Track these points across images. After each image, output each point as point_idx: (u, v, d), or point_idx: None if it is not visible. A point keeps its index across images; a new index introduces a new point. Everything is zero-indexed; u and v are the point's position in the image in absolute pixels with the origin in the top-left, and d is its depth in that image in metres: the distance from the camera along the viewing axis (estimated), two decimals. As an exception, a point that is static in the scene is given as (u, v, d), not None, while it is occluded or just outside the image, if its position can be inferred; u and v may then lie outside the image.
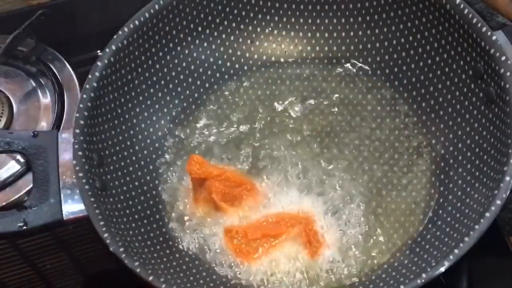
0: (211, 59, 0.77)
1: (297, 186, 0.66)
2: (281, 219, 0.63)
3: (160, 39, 0.72)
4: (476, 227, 0.53)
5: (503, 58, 0.59)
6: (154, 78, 0.73)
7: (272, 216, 0.64)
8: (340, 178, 0.67)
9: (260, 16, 0.77)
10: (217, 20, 0.76)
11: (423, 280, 0.52)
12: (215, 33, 0.76)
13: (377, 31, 0.74)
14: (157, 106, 0.73)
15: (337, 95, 0.74)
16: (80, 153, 0.60)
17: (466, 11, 0.63)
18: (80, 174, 0.59)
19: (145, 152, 0.70)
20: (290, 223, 0.63)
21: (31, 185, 0.62)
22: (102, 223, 0.57)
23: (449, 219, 0.61)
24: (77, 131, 0.61)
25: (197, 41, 0.75)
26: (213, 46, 0.77)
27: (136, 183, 0.67)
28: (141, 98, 0.72)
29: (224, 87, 0.77)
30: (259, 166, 0.68)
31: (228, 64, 0.77)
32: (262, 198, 0.65)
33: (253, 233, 0.62)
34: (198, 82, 0.76)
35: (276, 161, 0.69)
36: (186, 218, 0.66)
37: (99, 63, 0.65)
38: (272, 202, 0.65)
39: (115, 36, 0.67)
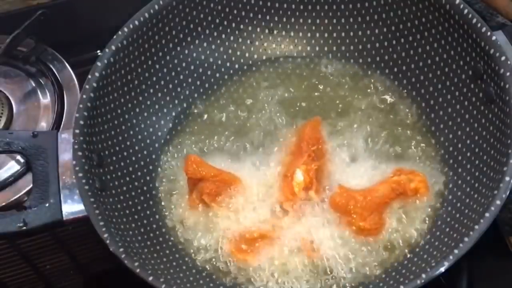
0: (211, 59, 0.77)
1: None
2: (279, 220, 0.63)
3: (160, 39, 0.72)
4: (476, 227, 0.53)
5: (503, 58, 0.59)
6: (154, 78, 0.73)
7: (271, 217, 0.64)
8: (338, 178, 0.67)
9: (260, 16, 0.77)
10: (217, 20, 0.76)
11: (423, 280, 0.52)
12: (215, 33, 0.76)
13: (377, 31, 0.74)
14: (157, 106, 0.73)
15: (337, 95, 0.74)
16: (79, 153, 0.60)
17: (466, 11, 0.63)
18: (80, 174, 0.59)
19: (145, 152, 0.70)
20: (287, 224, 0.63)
21: (31, 185, 0.62)
22: (102, 223, 0.57)
23: (448, 219, 0.61)
24: (77, 131, 0.61)
25: (197, 41, 0.75)
26: (213, 46, 0.77)
27: (136, 184, 0.67)
28: (141, 98, 0.72)
29: (224, 87, 0.77)
30: (257, 165, 0.68)
31: (228, 64, 0.77)
32: (255, 197, 0.65)
33: (251, 233, 0.62)
34: (198, 82, 0.76)
35: (274, 162, 0.68)
36: (185, 218, 0.66)
37: (99, 63, 0.65)
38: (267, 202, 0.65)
39: (115, 36, 0.67)
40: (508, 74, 0.59)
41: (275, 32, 0.78)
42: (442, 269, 0.52)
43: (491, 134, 0.61)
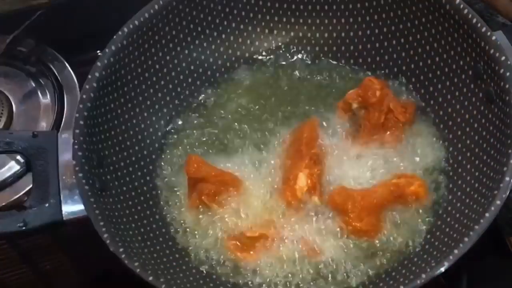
0: (211, 59, 0.77)
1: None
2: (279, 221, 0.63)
3: (160, 39, 0.72)
4: (476, 227, 0.53)
5: (503, 58, 0.59)
6: (154, 78, 0.73)
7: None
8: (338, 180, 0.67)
9: (260, 16, 0.77)
10: (217, 20, 0.76)
11: (423, 280, 0.52)
12: (215, 33, 0.76)
13: (377, 31, 0.74)
14: (156, 106, 0.73)
15: (337, 95, 0.74)
16: (79, 153, 0.60)
17: (466, 11, 0.63)
18: (80, 175, 0.59)
19: (145, 152, 0.70)
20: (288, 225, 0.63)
21: (31, 185, 0.62)
22: (102, 223, 0.57)
23: (449, 219, 0.61)
24: (77, 131, 0.61)
25: (197, 41, 0.75)
26: (213, 46, 0.77)
27: (136, 183, 0.67)
28: (140, 98, 0.72)
29: (224, 87, 0.77)
30: (259, 166, 0.68)
31: (228, 64, 0.78)
32: (256, 198, 0.65)
33: (251, 233, 0.62)
34: (198, 82, 0.76)
35: (276, 163, 0.68)
36: (185, 218, 0.66)
37: (99, 63, 0.65)
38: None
39: (115, 36, 0.67)
40: (508, 74, 0.59)
41: (275, 32, 0.78)
42: (442, 269, 0.52)
43: (491, 134, 0.61)
